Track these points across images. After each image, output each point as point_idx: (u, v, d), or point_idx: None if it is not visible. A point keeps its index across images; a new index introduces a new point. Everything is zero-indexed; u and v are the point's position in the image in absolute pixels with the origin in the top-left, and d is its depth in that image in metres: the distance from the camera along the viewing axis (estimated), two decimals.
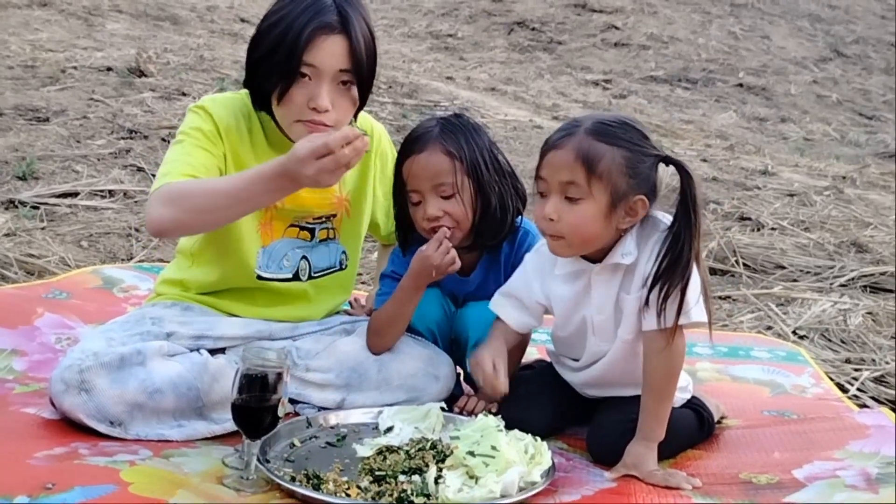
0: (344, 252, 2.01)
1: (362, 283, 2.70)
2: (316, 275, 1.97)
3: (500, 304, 1.82)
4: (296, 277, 1.94)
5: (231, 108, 1.83)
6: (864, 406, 2.16)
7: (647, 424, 1.66)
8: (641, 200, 1.62)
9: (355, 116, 1.86)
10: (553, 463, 1.60)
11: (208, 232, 1.83)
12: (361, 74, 1.75)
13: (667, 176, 1.68)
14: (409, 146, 1.86)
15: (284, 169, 1.56)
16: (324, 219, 1.95)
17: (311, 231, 1.95)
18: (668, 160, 1.65)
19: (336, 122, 1.74)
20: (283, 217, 1.90)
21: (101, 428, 1.63)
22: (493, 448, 1.50)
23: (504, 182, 1.88)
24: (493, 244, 1.91)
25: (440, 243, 1.79)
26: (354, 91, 1.76)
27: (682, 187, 1.61)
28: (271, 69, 1.72)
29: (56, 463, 1.48)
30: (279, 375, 1.52)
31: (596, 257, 1.69)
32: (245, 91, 1.84)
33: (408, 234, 1.95)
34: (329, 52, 1.71)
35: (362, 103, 1.82)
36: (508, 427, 1.61)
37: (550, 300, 1.77)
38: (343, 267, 2.02)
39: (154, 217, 1.65)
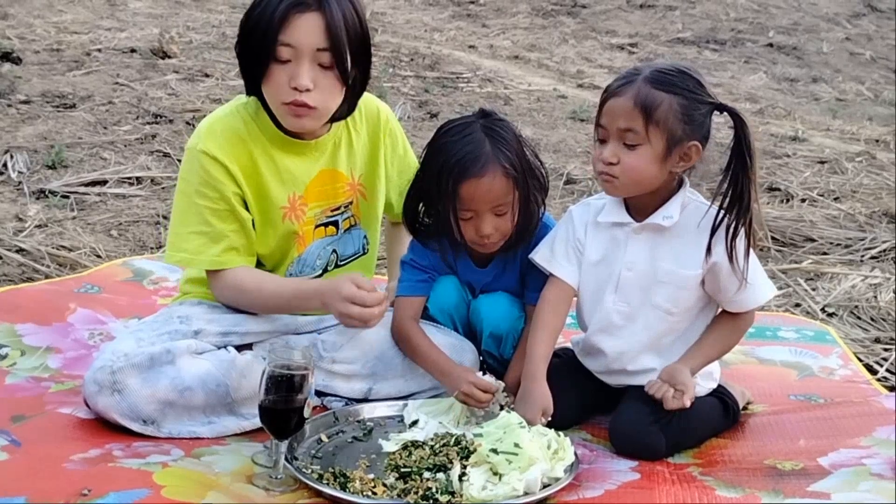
0: (365, 236, 2.02)
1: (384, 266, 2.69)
2: (342, 263, 1.98)
3: (547, 258, 1.83)
4: (325, 271, 1.96)
5: (232, 131, 1.80)
6: (893, 389, 2.14)
7: (696, 360, 1.75)
8: (695, 146, 1.69)
9: (356, 101, 1.84)
10: (577, 457, 1.61)
11: None
12: (342, 53, 1.72)
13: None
14: (467, 167, 1.76)
15: (319, 293, 1.76)
16: (342, 208, 1.95)
17: (335, 224, 1.96)
18: (722, 107, 1.69)
19: (321, 104, 1.73)
20: (308, 222, 1.90)
21: (135, 427, 1.68)
22: (516, 445, 1.51)
23: (535, 181, 1.86)
24: (523, 244, 1.89)
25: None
26: (337, 73, 1.73)
27: (735, 133, 1.67)
28: (252, 51, 1.73)
29: (91, 466, 1.53)
30: (304, 376, 1.54)
31: (639, 216, 1.76)
32: (241, 99, 1.85)
33: (421, 226, 1.93)
34: (304, 31, 1.69)
35: (362, 87, 1.82)
36: None
37: (585, 248, 1.81)
38: (365, 251, 2.03)
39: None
